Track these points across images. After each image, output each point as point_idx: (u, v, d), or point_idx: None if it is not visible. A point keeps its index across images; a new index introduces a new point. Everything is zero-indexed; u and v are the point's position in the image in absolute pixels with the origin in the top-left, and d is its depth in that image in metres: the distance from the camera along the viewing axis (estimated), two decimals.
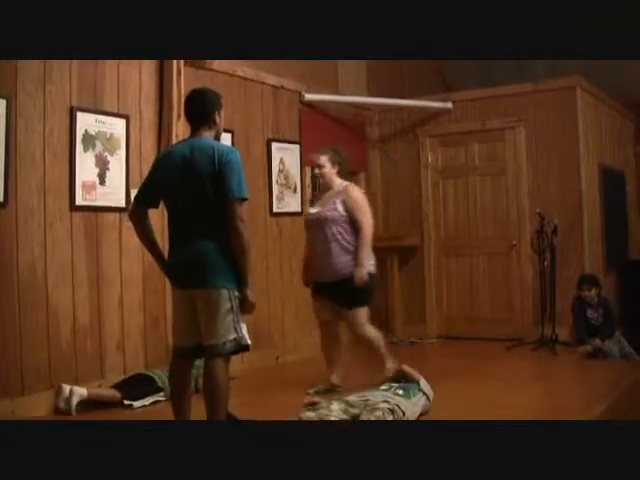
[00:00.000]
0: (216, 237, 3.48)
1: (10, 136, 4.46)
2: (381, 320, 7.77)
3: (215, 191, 3.46)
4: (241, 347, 3.52)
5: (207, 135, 3.61)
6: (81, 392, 4.56)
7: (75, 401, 4.50)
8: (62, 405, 4.51)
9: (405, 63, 8.52)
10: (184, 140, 3.76)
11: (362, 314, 4.94)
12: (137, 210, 3.69)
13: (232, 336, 3.46)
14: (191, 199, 3.51)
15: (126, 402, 4.68)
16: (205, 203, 3.49)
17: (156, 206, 3.70)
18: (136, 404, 4.70)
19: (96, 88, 5.06)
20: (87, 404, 4.59)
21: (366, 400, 4.01)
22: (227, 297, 3.46)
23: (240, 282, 3.49)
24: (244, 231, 3.45)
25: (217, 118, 3.64)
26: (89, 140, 4.97)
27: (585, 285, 6.67)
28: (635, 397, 5.11)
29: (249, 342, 3.53)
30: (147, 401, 4.77)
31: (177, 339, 3.68)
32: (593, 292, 6.66)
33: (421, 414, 4.19)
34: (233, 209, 3.44)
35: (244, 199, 3.50)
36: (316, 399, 4.15)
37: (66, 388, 4.55)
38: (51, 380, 4.63)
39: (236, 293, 3.49)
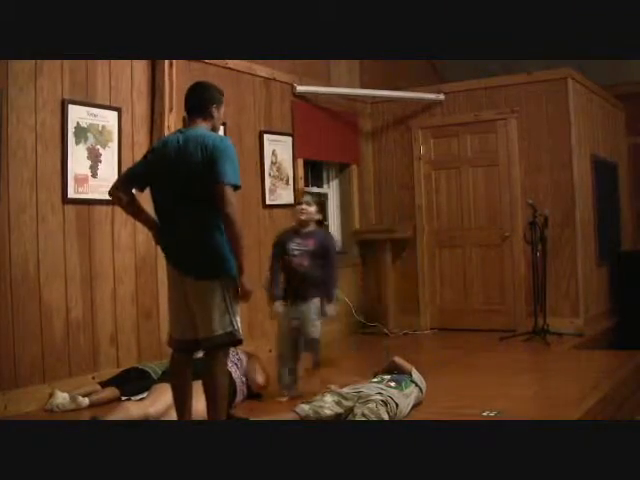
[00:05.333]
0: (207, 226, 3.39)
1: (1, 129, 4.43)
2: (375, 311, 7.82)
3: (206, 178, 3.36)
4: (234, 341, 3.46)
5: (203, 126, 3.55)
6: (82, 402, 4.51)
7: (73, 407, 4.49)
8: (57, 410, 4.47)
9: None
10: (179, 130, 3.67)
11: None
12: (121, 186, 3.55)
13: (228, 329, 3.39)
14: (182, 187, 3.41)
15: (123, 397, 4.67)
16: (196, 191, 3.39)
17: (141, 189, 3.59)
18: (133, 399, 4.69)
19: (88, 81, 5.04)
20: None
21: (359, 392, 4.01)
22: (219, 286, 3.39)
23: (235, 270, 3.41)
24: (236, 217, 3.34)
25: (215, 112, 3.60)
26: (81, 133, 4.96)
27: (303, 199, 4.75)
28: (629, 387, 5.14)
29: (242, 337, 3.46)
30: (144, 395, 4.77)
31: (174, 331, 3.55)
32: (313, 210, 4.71)
33: (414, 406, 4.20)
34: (223, 193, 3.31)
35: (237, 186, 3.40)
36: (333, 386, 4.13)
37: (65, 397, 4.49)
38: (44, 374, 4.62)
39: (230, 282, 3.41)
